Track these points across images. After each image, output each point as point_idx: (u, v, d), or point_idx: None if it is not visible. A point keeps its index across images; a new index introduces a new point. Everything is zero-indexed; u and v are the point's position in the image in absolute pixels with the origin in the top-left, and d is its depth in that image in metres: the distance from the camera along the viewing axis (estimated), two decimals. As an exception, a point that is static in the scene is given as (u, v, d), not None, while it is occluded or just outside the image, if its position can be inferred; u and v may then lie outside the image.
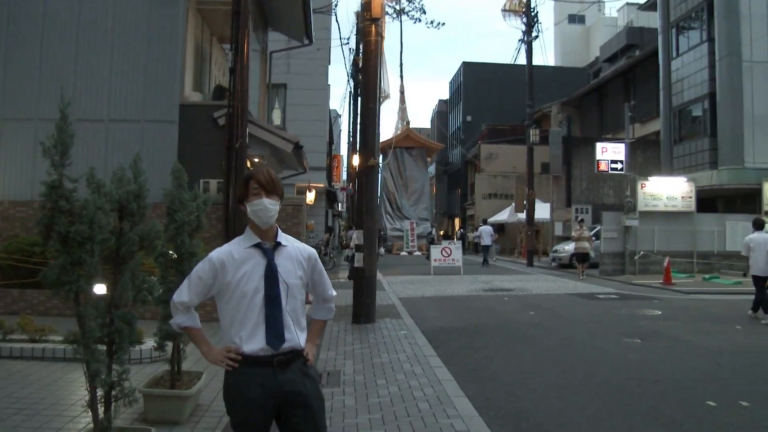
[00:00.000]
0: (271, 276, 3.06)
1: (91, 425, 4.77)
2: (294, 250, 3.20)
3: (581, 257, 22.69)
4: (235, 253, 3.10)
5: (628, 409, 6.31)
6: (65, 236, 3.68)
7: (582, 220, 24.18)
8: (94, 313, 3.94)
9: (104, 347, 4.20)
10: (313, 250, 3.35)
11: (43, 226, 3.67)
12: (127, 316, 4.22)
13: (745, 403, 6.48)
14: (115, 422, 4.26)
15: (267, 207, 3.08)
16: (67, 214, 3.67)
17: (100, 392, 4.09)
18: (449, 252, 24.57)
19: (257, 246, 3.11)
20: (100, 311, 4.04)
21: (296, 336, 3.10)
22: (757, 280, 12.38)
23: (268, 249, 3.11)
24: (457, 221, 63.69)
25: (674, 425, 5.78)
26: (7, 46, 12.86)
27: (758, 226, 12.93)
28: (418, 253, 42.11)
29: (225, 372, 3.08)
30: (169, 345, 5.74)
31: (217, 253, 3.13)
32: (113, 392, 4.16)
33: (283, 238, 3.19)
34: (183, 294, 3.16)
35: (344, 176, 45.30)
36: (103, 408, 4.12)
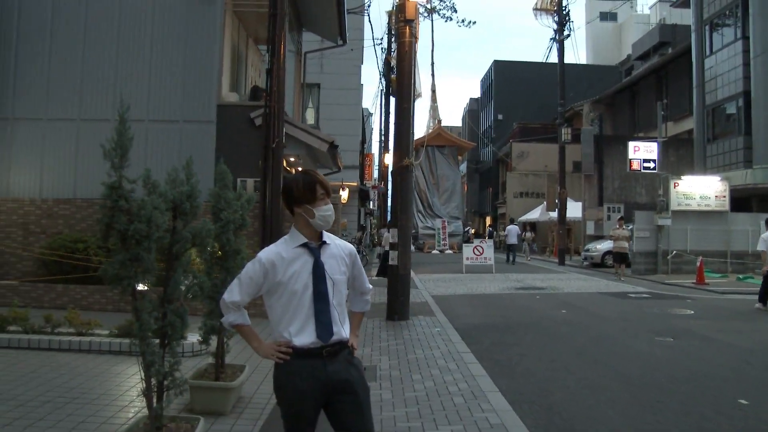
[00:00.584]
0: (318, 273, 3.23)
1: (140, 414, 5.02)
2: (336, 248, 3.37)
3: (619, 257, 21.95)
4: (283, 253, 3.25)
5: (658, 405, 6.42)
6: (124, 234, 3.90)
7: (622, 218, 23.29)
8: (150, 307, 4.16)
9: (157, 339, 4.43)
10: (353, 247, 3.53)
11: (104, 225, 3.89)
12: (179, 310, 4.45)
13: (777, 401, 6.57)
14: (166, 411, 4.47)
15: (333, 212, 3.30)
16: (126, 213, 3.89)
17: (153, 382, 4.30)
18: (481, 251, 24.66)
19: (304, 245, 3.27)
20: (154, 305, 4.27)
21: (342, 328, 3.28)
22: None
23: (315, 248, 3.27)
24: (488, 220, 63.66)
25: (706, 422, 5.88)
26: (51, 49, 13.20)
27: None
28: (449, 251, 42.17)
29: (275, 365, 3.25)
30: (214, 339, 5.97)
31: (266, 254, 3.27)
32: (165, 382, 4.38)
33: (327, 236, 3.35)
34: (234, 294, 3.30)
35: (376, 174, 45.54)
36: (156, 397, 4.34)
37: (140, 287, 4.17)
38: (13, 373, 6.99)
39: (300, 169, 14.81)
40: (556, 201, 31.97)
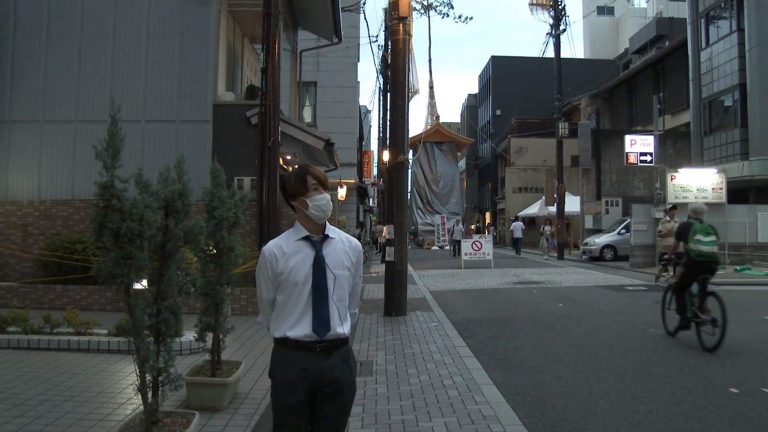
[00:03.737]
0: (318, 266, 3.20)
1: (138, 410, 5.08)
2: (341, 242, 3.33)
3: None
4: (284, 246, 3.25)
5: (651, 395, 6.49)
6: (117, 232, 3.97)
7: (675, 207, 18.12)
8: (143, 304, 4.23)
9: (152, 336, 4.50)
10: (359, 243, 3.46)
11: (97, 223, 3.96)
12: (173, 307, 4.53)
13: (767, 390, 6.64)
14: (162, 407, 4.54)
15: (329, 201, 3.25)
16: (118, 212, 3.96)
17: (148, 378, 4.38)
18: (480, 246, 24.74)
19: (306, 238, 3.26)
20: (148, 302, 4.34)
21: (341, 326, 3.24)
22: None
23: (317, 241, 3.25)
24: (488, 215, 63.75)
25: (695, 411, 5.95)
26: (47, 51, 13.27)
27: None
28: (449, 247, 42.26)
29: (272, 354, 3.28)
30: (209, 336, 6.05)
31: (268, 247, 3.28)
32: (160, 378, 4.45)
33: (331, 230, 3.33)
34: (263, 291, 3.31)
35: (375, 172, 45.57)
36: (151, 392, 4.41)
37: (136, 286, 4.23)
38: (13, 373, 7.07)
39: (297, 166, 14.89)
40: (555, 195, 32.03)
